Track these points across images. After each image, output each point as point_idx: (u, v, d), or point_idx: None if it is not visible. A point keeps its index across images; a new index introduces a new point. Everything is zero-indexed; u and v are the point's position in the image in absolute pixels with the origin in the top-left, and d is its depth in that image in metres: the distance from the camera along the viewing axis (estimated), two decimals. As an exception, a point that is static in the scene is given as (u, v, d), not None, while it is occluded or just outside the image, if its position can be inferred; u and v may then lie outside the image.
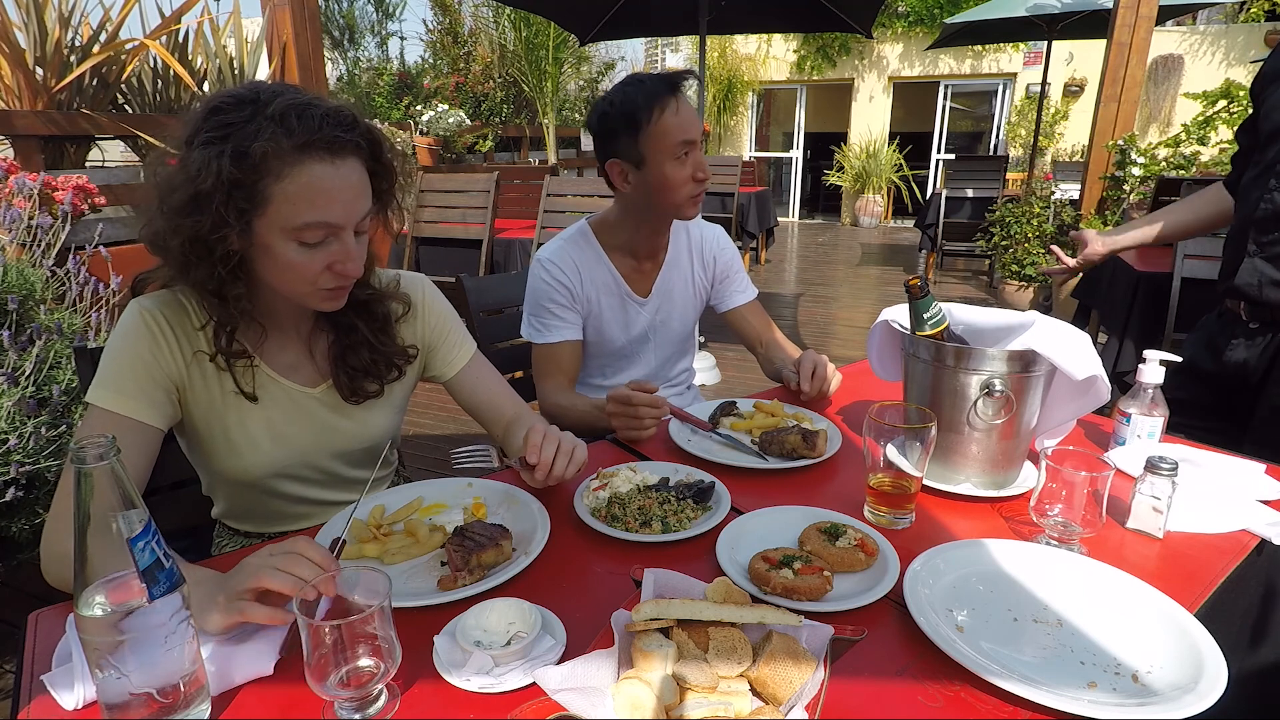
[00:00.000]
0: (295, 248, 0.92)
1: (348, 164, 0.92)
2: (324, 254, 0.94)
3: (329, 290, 0.98)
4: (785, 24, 5.77)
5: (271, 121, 0.87)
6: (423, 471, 2.70)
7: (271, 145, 0.86)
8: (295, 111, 0.88)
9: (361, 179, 0.95)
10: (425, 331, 1.21)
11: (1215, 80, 5.52)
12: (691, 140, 1.43)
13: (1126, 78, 4.21)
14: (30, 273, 1.85)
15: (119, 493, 0.61)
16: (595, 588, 0.87)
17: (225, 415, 1.04)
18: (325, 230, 0.92)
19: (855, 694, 0.69)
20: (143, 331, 0.97)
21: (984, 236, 5.87)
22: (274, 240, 0.91)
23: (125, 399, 0.94)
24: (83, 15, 3.36)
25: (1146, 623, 0.78)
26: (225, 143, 0.86)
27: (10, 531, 1.63)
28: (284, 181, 0.88)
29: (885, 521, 1.01)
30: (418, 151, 5.49)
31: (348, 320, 1.09)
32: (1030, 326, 1.06)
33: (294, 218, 0.90)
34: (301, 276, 0.95)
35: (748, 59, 11.85)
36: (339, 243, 0.94)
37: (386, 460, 1.26)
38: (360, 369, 1.10)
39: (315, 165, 0.89)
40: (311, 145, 0.88)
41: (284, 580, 0.72)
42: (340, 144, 0.90)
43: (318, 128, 0.88)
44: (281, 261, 0.93)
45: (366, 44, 9.63)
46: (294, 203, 0.89)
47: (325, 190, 0.90)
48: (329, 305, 1.01)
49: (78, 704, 0.68)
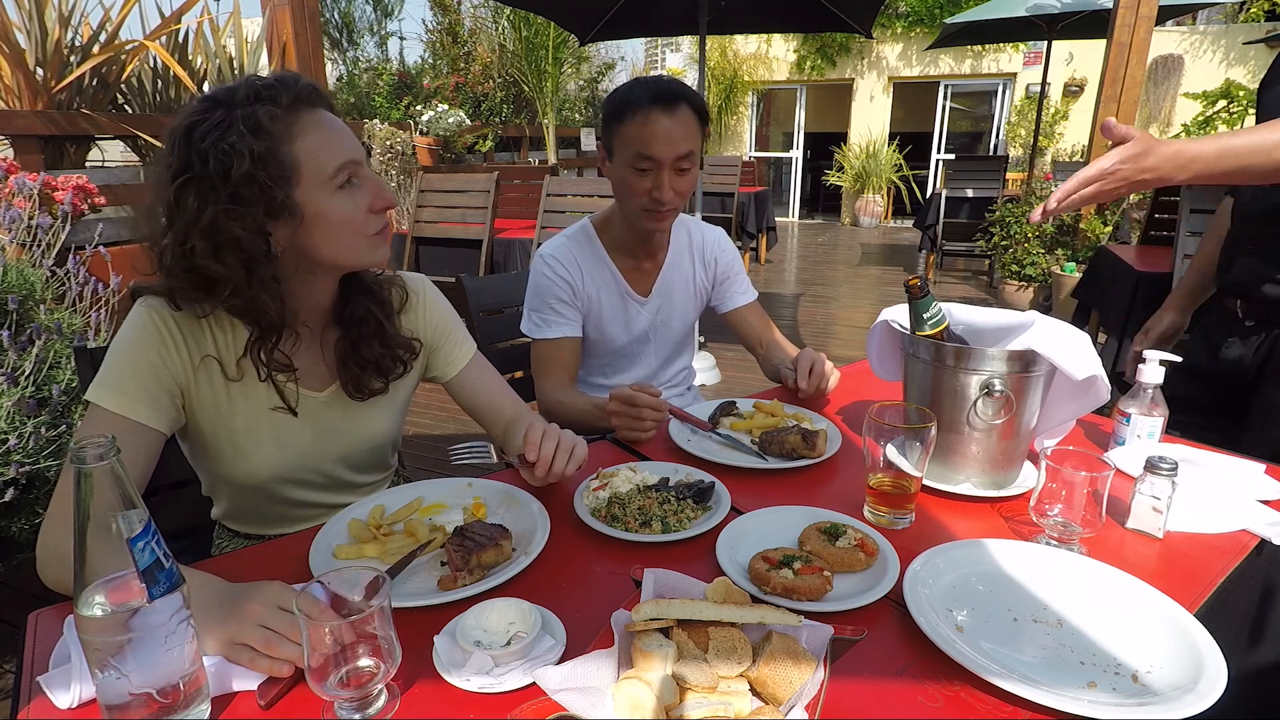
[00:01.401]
0: (341, 198, 0.96)
1: (325, 112, 0.98)
2: (363, 194, 0.99)
3: (379, 234, 1.02)
4: (785, 24, 5.77)
5: (251, 102, 0.90)
6: (423, 471, 2.70)
7: (270, 111, 0.90)
8: (260, 84, 0.92)
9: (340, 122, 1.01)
10: (426, 328, 1.21)
11: (1215, 80, 5.53)
12: (652, 158, 1.39)
13: (1126, 78, 4.21)
14: (30, 273, 1.85)
15: (119, 493, 0.60)
16: (595, 588, 0.87)
17: (232, 420, 1.03)
18: (351, 168, 0.97)
19: (855, 694, 0.69)
20: (150, 333, 0.96)
21: (984, 236, 5.88)
22: (319, 199, 0.95)
23: (127, 400, 0.93)
24: (83, 15, 3.37)
25: (1146, 623, 0.78)
26: (230, 130, 0.88)
27: (10, 531, 1.63)
28: (298, 140, 0.93)
29: (885, 521, 1.01)
30: (418, 151, 5.50)
31: (362, 309, 1.10)
32: (1030, 326, 1.06)
33: (326, 165, 0.94)
34: (356, 227, 0.98)
35: (748, 59, 11.85)
36: (365, 179, 0.99)
37: (386, 464, 1.27)
38: (371, 361, 1.10)
39: (310, 114, 0.95)
40: (297, 102, 0.93)
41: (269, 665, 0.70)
42: (312, 94, 0.96)
43: (286, 86, 0.93)
44: (336, 220, 0.96)
45: (366, 44, 9.63)
46: (317, 154, 0.94)
47: (331, 133, 0.96)
48: (381, 253, 1.04)
49: (73, 703, 0.68)
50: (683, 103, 1.40)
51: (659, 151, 1.39)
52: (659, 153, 1.39)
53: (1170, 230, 3.17)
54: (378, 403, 1.15)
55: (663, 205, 1.44)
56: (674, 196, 1.44)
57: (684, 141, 1.40)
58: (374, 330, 1.10)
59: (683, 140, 1.40)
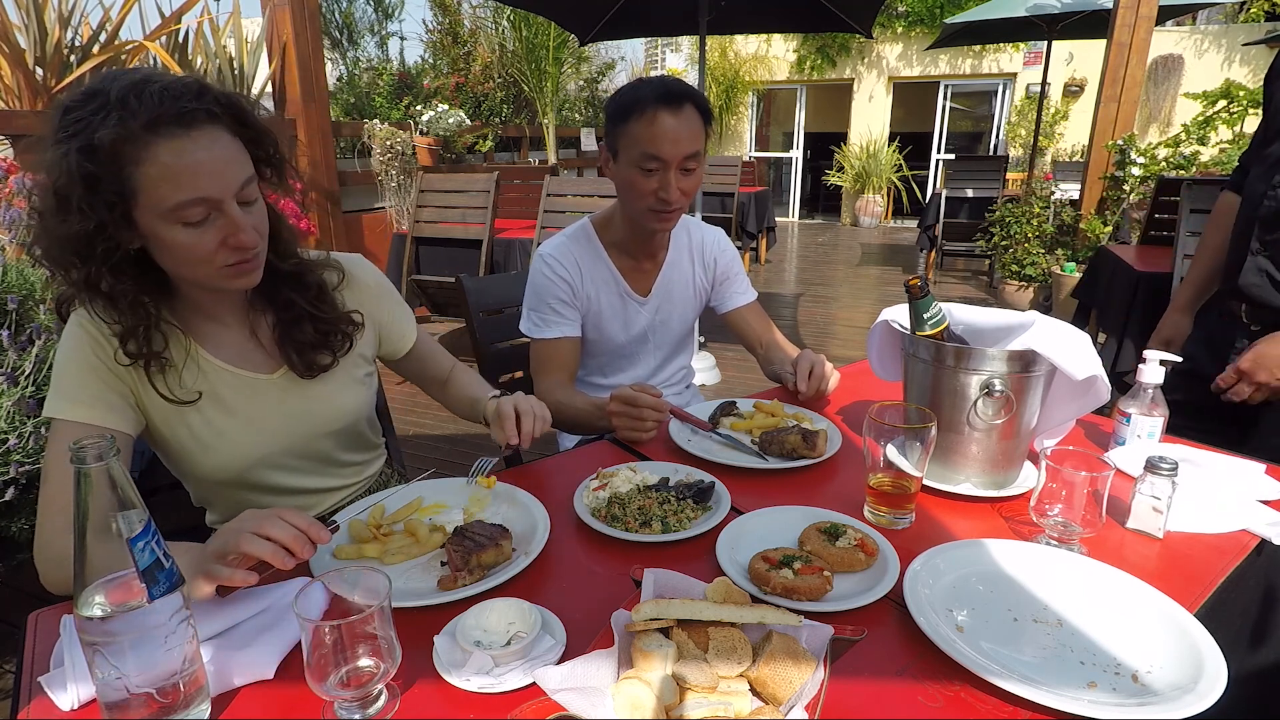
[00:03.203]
0: (181, 230, 0.88)
1: (207, 134, 0.87)
2: (213, 230, 0.90)
3: (232, 266, 0.94)
4: (785, 24, 5.77)
5: (115, 107, 0.83)
6: (423, 471, 2.70)
7: (119, 130, 0.82)
8: (134, 92, 0.84)
9: (228, 146, 0.91)
10: (370, 305, 1.20)
11: (1215, 80, 5.52)
12: (659, 158, 1.39)
13: (1126, 78, 4.21)
14: (30, 273, 1.85)
15: (118, 493, 0.61)
16: (595, 588, 0.87)
17: (187, 414, 1.02)
18: (204, 206, 0.88)
19: (855, 694, 0.69)
20: (86, 340, 0.95)
21: (984, 236, 5.88)
22: (158, 227, 0.88)
23: (84, 408, 0.93)
24: (83, 15, 3.36)
25: (1146, 623, 0.78)
26: (74, 139, 0.83)
27: (10, 531, 1.63)
28: (144, 165, 0.84)
29: (885, 521, 1.01)
30: (418, 151, 5.49)
31: (282, 296, 1.07)
32: (1030, 326, 1.06)
33: (165, 200, 0.86)
34: (198, 258, 0.91)
35: (748, 59, 11.85)
36: (224, 216, 0.90)
37: (369, 442, 1.27)
38: (307, 343, 1.09)
39: (170, 142, 0.84)
40: (158, 122, 0.84)
41: (261, 547, 0.73)
42: (190, 114, 0.86)
43: (158, 102, 0.84)
44: (174, 247, 0.90)
45: (366, 44, 9.62)
46: (160, 185, 0.85)
47: (189, 166, 0.86)
48: (241, 282, 0.97)
49: (73, 704, 0.68)
50: (688, 103, 1.40)
51: (665, 151, 1.39)
52: (665, 153, 1.39)
53: (1170, 230, 3.17)
54: (333, 378, 1.14)
55: (669, 205, 1.44)
56: (680, 196, 1.44)
57: (690, 141, 1.40)
58: (302, 313, 1.08)
59: (688, 140, 1.40)
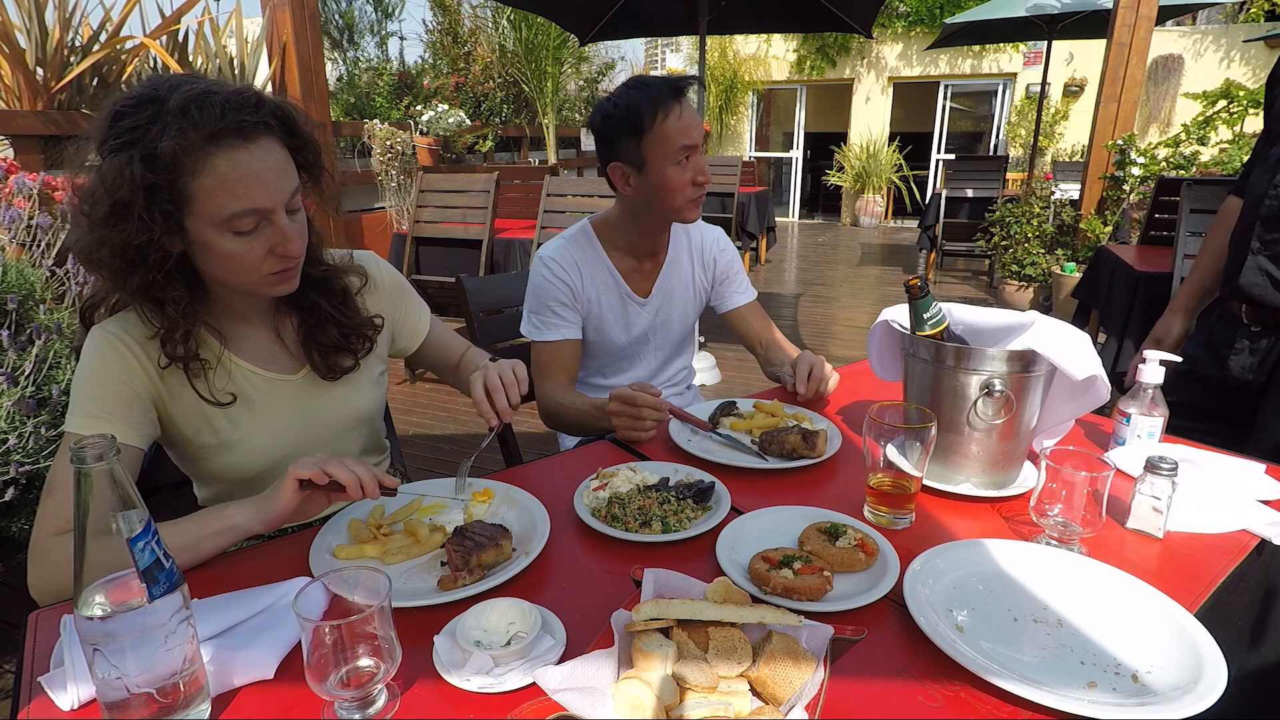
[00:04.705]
0: (231, 239, 0.91)
1: (262, 145, 0.91)
2: (262, 240, 0.93)
3: (276, 274, 0.97)
4: (785, 24, 5.77)
5: (175, 117, 0.84)
6: (423, 471, 2.70)
7: (179, 142, 0.84)
8: (196, 103, 0.86)
9: (280, 158, 0.94)
10: (385, 304, 1.22)
11: (1215, 80, 5.53)
12: (692, 145, 1.43)
13: (1126, 78, 4.21)
14: (30, 273, 1.85)
15: (119, 493, 0.61)
16: (595, 588, 0.87)
17: (214, 418, 1.04)
18: (256, 216, 0.91)
19: (855, 694, 0.69)
20: (109, 353, 0.96)
21: (984, 236, 5.88)
22: (209, 235, 0.91)
23: (101, 423, 0.94)
24: (83, 15, 3.36)
25: (1146, 623, 0.78)
26: (134, 147, 0.84)
27: (10, 531, 1.63)
28: (202, 176, 0.87)
29: (885, 521, 1.01)
30: (418, 151, 5.50)
31: (309, 300, 1.09)
32: (1030, 326, 1.06)
33: (221, 210, 0.89)
34: (246, 266, 0.94)
35: (748, 59, 11.85)
36: (273, 225, 0.93)
37: (380, 444, 1.29)
38: (331, 345, 1.11)
39: (229, 154, 0.87)
40: (220, 134, 0.86)
41: (342, 471, 0.88)
42: (249, 127, 0.89)
43: (220, 115, 0.86)
44: (222, 255, 0.92)
45: (366, 44, 9.62)
46: (217, 195, 0.88)
47: (245, 177, 0.89)
48: (282, 289, 1.00)
49: (73, 704, 0.68)
50: (689, 87, 1.46)
51: (695, 135, 1.44)
52: (696, 136, 1.44)
53: (1170, 230, 3.17)
54: (352, 379, 1.16)
55: (704, 186, 1.48)
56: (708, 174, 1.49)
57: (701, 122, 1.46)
58: (327, 316, 1.11)
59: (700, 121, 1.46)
